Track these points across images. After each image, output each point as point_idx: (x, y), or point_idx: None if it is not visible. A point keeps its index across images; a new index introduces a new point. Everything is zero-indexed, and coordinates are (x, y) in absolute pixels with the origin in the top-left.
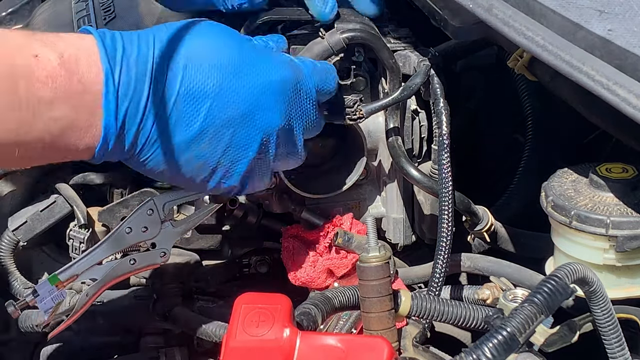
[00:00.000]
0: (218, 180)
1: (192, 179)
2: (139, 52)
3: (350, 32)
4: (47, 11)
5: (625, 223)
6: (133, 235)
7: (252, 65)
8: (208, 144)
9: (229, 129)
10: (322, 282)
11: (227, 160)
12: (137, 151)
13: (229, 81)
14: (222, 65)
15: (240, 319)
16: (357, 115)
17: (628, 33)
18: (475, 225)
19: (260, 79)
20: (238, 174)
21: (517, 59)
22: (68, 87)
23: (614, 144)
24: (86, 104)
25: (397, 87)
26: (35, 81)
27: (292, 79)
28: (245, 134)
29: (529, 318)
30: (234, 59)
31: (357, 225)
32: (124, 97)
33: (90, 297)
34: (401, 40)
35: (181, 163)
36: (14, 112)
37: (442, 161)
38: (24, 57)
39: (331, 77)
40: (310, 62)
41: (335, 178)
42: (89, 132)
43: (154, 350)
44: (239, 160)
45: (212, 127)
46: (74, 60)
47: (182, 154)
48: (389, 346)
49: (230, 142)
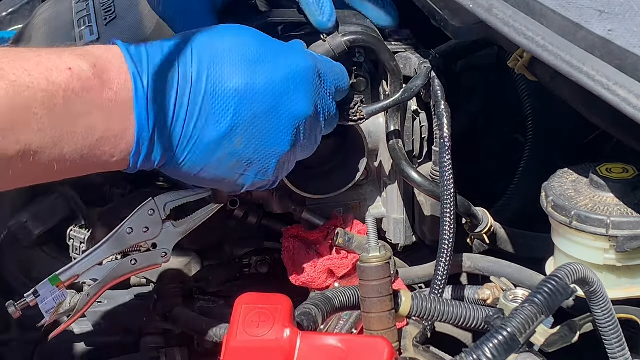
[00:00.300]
0: (254, 177)
1: (228, 179)
2: (163, 56)
3: (352, 35)
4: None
5: (625, 223)
6: (134, 236)
7: (276, 57)
8: (240, 141)
9: (260, 121)
10: (323, 282)
11: (262, 155)
12: (172, 155)
13: (254, 75)
14: (246, 60)
15: (240, 319)
16: (357, 116)
17: (628, 33)
18: (476, 227)
19: (285, 70)
20: (273, 167)
21: (517, 59)
22: (102, 97)
23: (614, 144)
24: (119, 112)
25: (399, 89)
26: (72, 94)
27: (315, 68)
28: (276, 125)
29: (529, 318)
30: (257, 53)
31: (357, 225)
32: (153, 101)
33: (91, 298)
34: (402, 42)
35: (215, 163)
36: (53, 130)
37: (444, 163)
38: (59, 71)
39: (345, 77)
40: (328, 59)
41: (335, 178)
42: (124, 139)
43: (154, 351)
44: (274, 153)
45: (242, 123)
46: (105, 69)
47: (215, 153)
48: (390, 346)
49: (263, 135)
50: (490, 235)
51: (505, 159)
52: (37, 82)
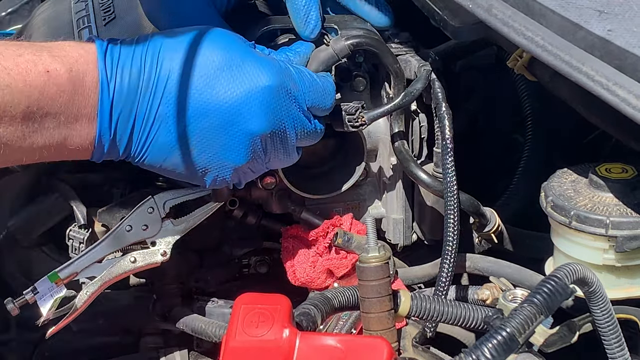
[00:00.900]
0: (211, 181)
1: (188, 177)
2: (132, 60)
3: (355, 39)
4: (47, 11)
5: (624, 223)
6: (133, 234)
7: (239, 72)
8: (194, 149)
9: (214, 134)
10: (322, 282)
11: (216, 165)
12: (132, 154)
13: (212, 89)
14: (206, 74)
15: (239, 319)
16: (359, 122)
17: (628, 33)
18: (484, 227)
19: (244, 86)
20: (229, 176)
21: (516, 59)
22: (73, 100)
23: (613, 144)
24: (86, 114)
25: (402, 92)
26: (46, 97)
27: (281, 86)
28: (230, 140)
29: (528, 318)
30: (220, 66)
31: (356, 225)
32: (117, 105)
33: (90, 295)
34: (402, 45)
35: (172, 165)
36: (26, 128)
37: (446, 165)
38: (37, 73)
39: (329, 97)
40: (310, 78)
41: (335, 178)
42: (88, 139)
43: (153, 351)
44: (228, 165)
45: (195, 133)
46: (79, 74)
47: (171, 157)
48: (389, 346)
49: (217, 147)
50: (497, 234)
51: (504, 159)
52: (14, 82)
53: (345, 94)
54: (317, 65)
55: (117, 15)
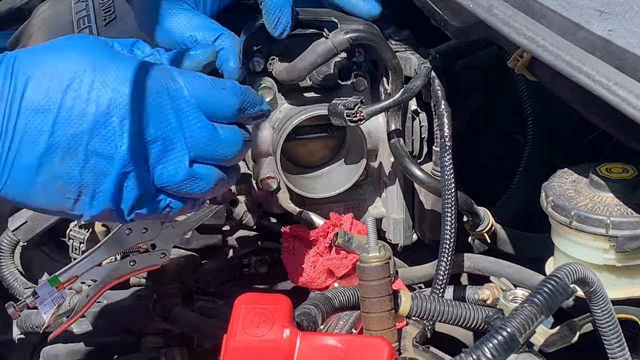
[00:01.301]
0: (89, 202)
1: (65, 206)
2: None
3: (354, 33)
4: (47, 11)
5: (625, 223)
6: (133, 236)
7: (103, 74)
8: (61, 161)
9: (83, 141)
10: (322, 282)
11: (89, 177)
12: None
13: (65, 95)
14: (65, 78)
15: (240, 319)
16: (357, 117)
17: (628, 33)
18: (477, 226)
19: (107, 88)
20: (110, 190)
21: (517, 59)
22: None
23: (614, 144)
24: None
25: (400, 88)
26: None
27: (154, 88)
28: (100, 145)
29: (529, 318)
30: (78, 70)
31: (357, 225)
32: None
33: (91, 298)
34: (402, 43)
35: (40, 186)
36: None
37: (445, 163)
38: None
39: (231, 100)
40: (198, 79)
41: (335, 178)
42: None
43: (154, 351)
44: (103, 175)
45: (61, 143)
46: None
47: (38, 175)
48: (389, 346)
49: (87, 157)
50: (490, 234)
51: (505, 159)
52: None
53: (347, 93)
54: (315, 57)
55: (117, 16)
